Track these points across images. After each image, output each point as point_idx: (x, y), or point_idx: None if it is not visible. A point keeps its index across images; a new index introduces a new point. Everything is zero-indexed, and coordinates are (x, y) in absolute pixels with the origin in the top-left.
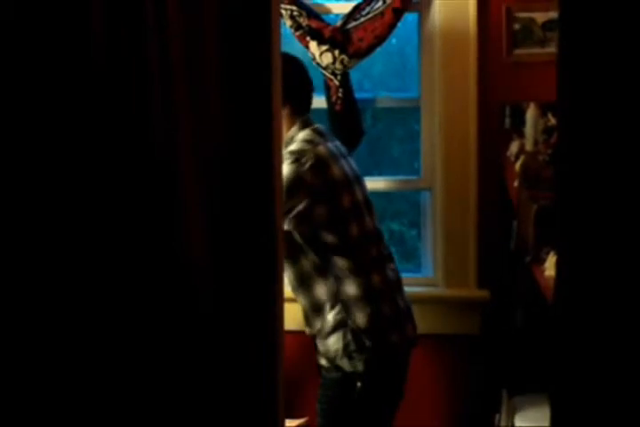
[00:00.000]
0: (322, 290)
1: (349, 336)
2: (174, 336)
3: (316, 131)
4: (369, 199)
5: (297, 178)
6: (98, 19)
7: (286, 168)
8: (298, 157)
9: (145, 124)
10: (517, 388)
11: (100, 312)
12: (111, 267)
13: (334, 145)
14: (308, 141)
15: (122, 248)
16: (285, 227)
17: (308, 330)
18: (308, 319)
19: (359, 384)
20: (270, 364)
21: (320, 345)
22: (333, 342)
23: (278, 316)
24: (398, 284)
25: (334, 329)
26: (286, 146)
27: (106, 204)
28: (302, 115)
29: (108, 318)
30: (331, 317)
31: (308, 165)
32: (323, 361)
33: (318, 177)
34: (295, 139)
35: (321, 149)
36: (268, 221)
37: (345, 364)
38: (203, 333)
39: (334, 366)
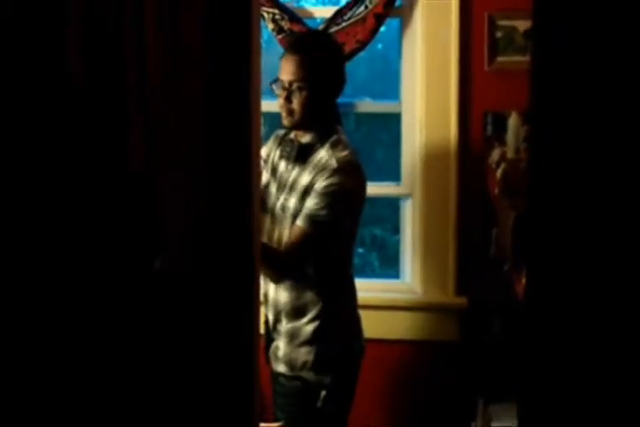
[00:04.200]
0: (311, 296)
1: (324, 351)
2: (151, 342)
3: None
4: None
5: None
6: (75, 14)
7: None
8: None
9: (122, 133)
10: (493, 396)
11: (78, 321)
12: (87, 274)
13: None
14: None
15: (99, 257)
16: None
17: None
18: (277, 316)
19: (324, 393)
20: (246, 367)
21: (282, 349)
22: (304, 354)
23: (254, 320)
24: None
25: (310, 342)
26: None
27: (83, 207)
28: None
29: (85, 325)
30: (310, 328)
31: None
32: (281, 368)
33: None
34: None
35: None
36: (246, 226)
37: (310, 376)
38: (179, 340)
39: (295, 375)
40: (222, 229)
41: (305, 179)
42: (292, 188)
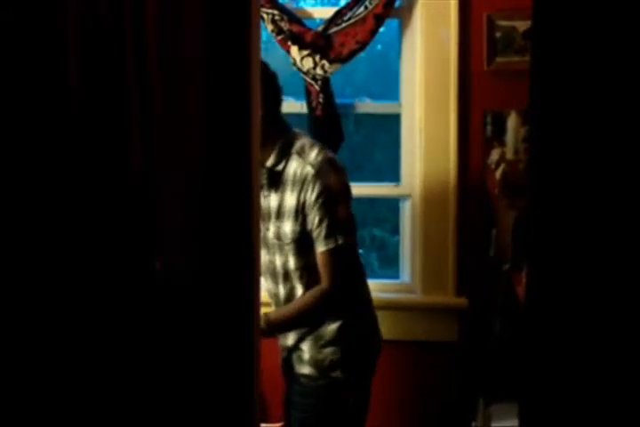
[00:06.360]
0: None
1: (349, 349)
2: (151, 343)
3: None
4: None
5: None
6: (74, 20)
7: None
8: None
9: (122, 136)
10: (494, 396)
11: (78, 323)
12: (88, 276)
13: None
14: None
15: (100, 259)
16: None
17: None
18: (301, 336)
19: (348, 391)
20: (246, 367)
21: (307, 351)
22: (330, 353)
23: (255, 320)
24: None
25: (335, 341)
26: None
27: (84, 210)
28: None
29: (85, 327)
30: (334, 327)
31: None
32: (306, 370)
33: None
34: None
35: None
36: (245, 227)
37: (338, 375)
38: (180, 341)
39: (322, 375)
40: (222, 231)
41: (291, 200)
42: (280, 214)
